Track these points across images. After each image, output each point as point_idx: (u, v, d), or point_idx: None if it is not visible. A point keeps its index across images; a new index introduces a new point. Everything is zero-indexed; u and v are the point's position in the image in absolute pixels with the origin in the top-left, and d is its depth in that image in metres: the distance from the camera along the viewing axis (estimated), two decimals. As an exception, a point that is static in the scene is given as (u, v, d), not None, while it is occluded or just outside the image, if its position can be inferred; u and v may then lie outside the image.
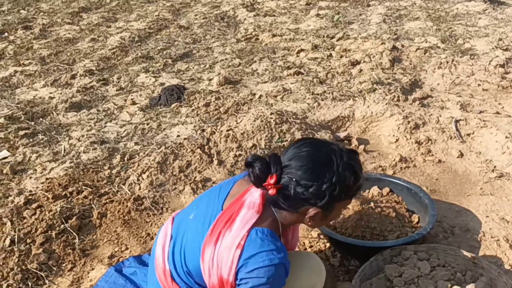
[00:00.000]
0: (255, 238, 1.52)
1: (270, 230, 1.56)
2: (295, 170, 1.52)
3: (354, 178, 1.54)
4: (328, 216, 1.62)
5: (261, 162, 1.53)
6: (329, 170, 1.51)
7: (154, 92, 4.22)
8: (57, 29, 6.09)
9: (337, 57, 4.75)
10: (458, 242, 2.51)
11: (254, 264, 1.49)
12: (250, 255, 1.50)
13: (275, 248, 1.51)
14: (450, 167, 3.18)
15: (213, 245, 1.56)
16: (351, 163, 1.55)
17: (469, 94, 3.98)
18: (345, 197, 1.58)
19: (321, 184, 1.50)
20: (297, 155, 1.54)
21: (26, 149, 3.37)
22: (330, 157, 1.53)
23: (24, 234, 2.55)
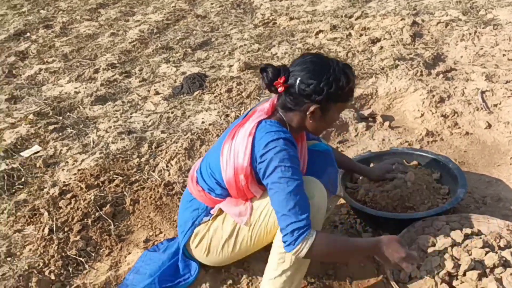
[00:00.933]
0: (264, 125, 1.85)
1: (277, 121, 1.88)
2: (299, 72, 1.83)
3: (346, 81, 1.83)
4: (325, 117, 1.89)
5: (273, 68, 1.87)
6: (327, 72, 1.81)
7: (176, 82, 4.26)
8: (77, 26, 6.18)
9: (356, 36, 4.71)
10: (490, 212, 2.49)
11: (266, 139, 1.79)
12: (261, 136, 1.81)
13: (282, 130, 1.83)
14: (478, 139, 3.15)
15: (230, 141, 1.90)
16: (345, 69, 1.85)
17: (494, 65, 3.91)
18: (339, 98, 1.85)
19: (319, 82, 1.81)
20: (301, 61, 1.86)
21: (56, 143, 3.45)
22: (328, 63, 1.85)
23: (62, 223, 2.63)
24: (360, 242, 1.93)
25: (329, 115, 1.89)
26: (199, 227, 2.02)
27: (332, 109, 1.88)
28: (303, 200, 1.73)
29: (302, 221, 1.69)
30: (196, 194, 2.04)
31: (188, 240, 2.06)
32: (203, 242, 2.03)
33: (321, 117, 1.88)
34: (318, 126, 1.93)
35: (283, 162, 1.74)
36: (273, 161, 1.75)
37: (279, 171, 1.74)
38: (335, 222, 2.58)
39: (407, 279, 2.01)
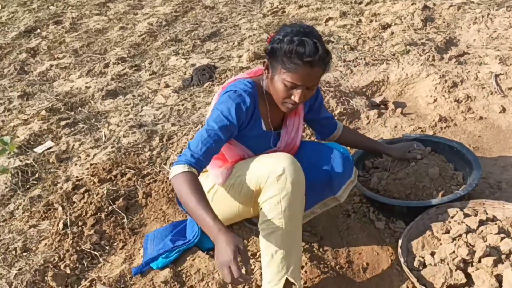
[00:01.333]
0: (234, 83, 1.97)
1: (252, 81, 1.96)
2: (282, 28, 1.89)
3: (288, 43, 1.78)
4: (272, 78, 1.88)
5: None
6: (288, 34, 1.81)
7: (186, 74, 4.26)
8: (86, 21, 6.20)
9: (366, 22, 4.65)
10: (505, 197, 2.45)
11: (224, 93, 1.93)
12: (225, 90, 1.95)
13: (243, 86, 1.93)
14: (492, 123, 3.10)
15: (217, 96, 2.03)
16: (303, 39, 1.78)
17: (508, 48, 3.84)
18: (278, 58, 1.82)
19: (277, 37, 1.84)
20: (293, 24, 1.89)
21: (69, 138, 3.48)
22: (299, 30, 1.82)
23: (75, 217, 2.65)
24: (202, 218, 1.72)
25: (274, 78, 1.88)
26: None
27: (277, 71, 1.85)
28: (202, 142, 1.84)
29: (184, 155, 1.84)
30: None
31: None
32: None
33: (271, 77, 1.89)
34: (272, 90, 1.93)
35: (215, 107, 1.92)
36: (217, 104, 1.93)
37: (211, 114, 1.91)
38: (348, 211, 2.57)
39: (421, 267, 1.99)
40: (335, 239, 2.41)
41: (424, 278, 1.94)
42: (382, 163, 2.59)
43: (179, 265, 2.26)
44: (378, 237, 2.39)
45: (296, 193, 1.85)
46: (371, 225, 2.45)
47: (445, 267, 1.92)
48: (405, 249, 2.08)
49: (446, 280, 1.89)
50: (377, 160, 2.66)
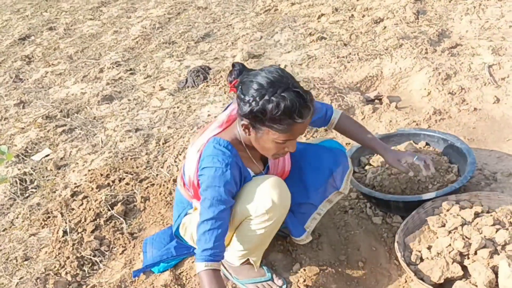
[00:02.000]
0: (210, 146, 1.84)
1: (227, 142, 1.84)
2: (248, 81, 1.74)
3: (274, 109, 1.67)
4: (260, 139, 1.78)
5: (239, 69, 1.87)
6: (262, 92, 1.69)
7: (180, 76, 4.27)
8: (80, 26, 6.20)
9: (359, 17, 4.66)
10: (501, 188, 2.47)
11: (203, 164, 1.82)
12: (203, 157, 1.84)
13: (222, 154, 1.81)
14: (487, 114, 3.11)
15: (190, 147, 1.96)
16: (284, 95, 1.67)
17: (500, 38, 3.84)
18: (263, 122, 1.72)
19: (250, 98, 1.70)
20: (258, 72, 1.76)
21: (66, 145, 3.49)
22: (273, 83, 1.69)
23: (75, 224, 2.66)
24: None
25: (261, 138, 1.77)
26: (185, 218, 2.09)
27: (263, 132, 1.75)
28: (209, 232, 1.76)
29: (199, 249, 1.78)
30: (180, 186, 2.11)
31: (179, 229, 2.14)
32: (188, 232, 2.10)
33: (256, 136, 1.78)
34: (258, 145, 1.82)
35: (205, 193, 1.79)
36: (201, 187, 1.83)
37: (201, 200, 1.82)
38: (345, 207, 2.58)
39: (419, 261, 2.01)
40: (333, 236, 2.42)
41: (421, 272, 1.96)
42: (377, 160, 2.60)
43: (178, 268, 2.28)
44: (375, 232, 2.41)
45: (282, 218, 1.95)
46: (368, 220, 2.47)
47: (442, 260, 1.93)
48: (402, 244, 2.10)
49: (443, 273, 1.91)
50: (373, 156, 2.67)
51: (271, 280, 2.13)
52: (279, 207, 1.88)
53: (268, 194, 1.85)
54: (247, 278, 2.14)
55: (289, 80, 1.72)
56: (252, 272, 2.14)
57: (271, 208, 1.85)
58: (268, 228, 1.93)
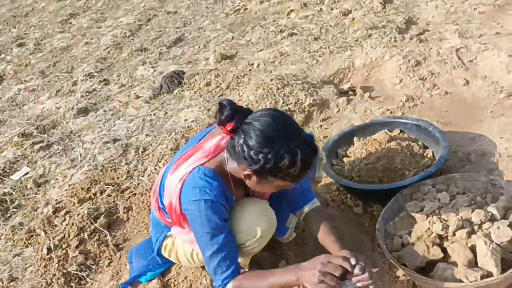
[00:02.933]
0: (194, 176, 1.76)
1: (212, 171, 1.76)
2: (250, 130, 1.64)
3: (289, 164, 1.61)
4: (263, 185, 1.72)
5: (230, 109, 1.67)
6: (274, 145, 1.61)
7: (155, 82, 4.26)
8: (50, 40, 6.13)
9: (327, 10, 4.70)
10: (476, 168, 2.53)
11: (189, 197, 1.75)
12: (188, 189, 1.76)
13: (209, 186, 1.73)
14: (458, 97, 3.17)
15: (171, 174, 1.86)
16: (297, 150, 1.61)
17: (466, 21, 3.92)
18: (277, 176, 1.66)
19: (259, 152, 1.62)
20: (260, 118, 1.65)
21: (44, 162, 3.46)
22: (281, 134, 1.62)
23: (59, 240, 2.65)
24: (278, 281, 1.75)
25: (267, 184, 1.72)
26: (166, 240, 2.06)
27: (271, 180, 1.69)
28: (221, 261, 1.75)
29: (218, 281, 1.77)
30: (154, 210, 2.04)
31: (160, 249, 2.12)
32: (172, 255, 2.09)
33: (258, 182, 1.72)
34: (257, 188, 1.78)
35: (202, 227, 1.74)
36: (193, 222, 1.77)
37: (198, 235, 1.77)
38: (326, 200, 2.61)
39: (400, 247, 2.05)
40: (317, 230, 2.45)
41: (404, 257, 2.00)
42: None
43: (166, 275, 2.29)
44: (357, 222, 2.45)
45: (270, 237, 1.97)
46: (350, 211, 2.51)
47: (422, 244, 1.97)
48: (383, 232, 2.13)
49: (424, 257, 1.95)
50: (350, 148, 2.71)
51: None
52: (268, 232, 1.92)
53: (257, 224, 1.86)
54: None
55: (293, 127, 1.68)
56: None
57: (260, 236, 1.88)
58: (259, 249, 1.97)
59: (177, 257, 2.08)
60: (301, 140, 1.64)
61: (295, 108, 3.30)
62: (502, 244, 1.87)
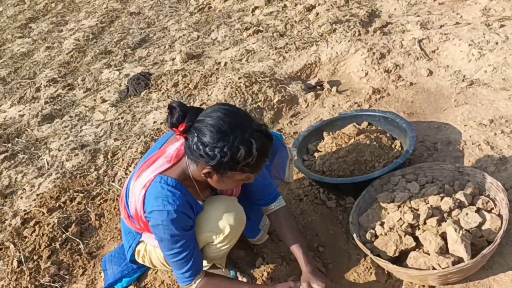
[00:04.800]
0: (156, 185, 1.74)
1: (174, 180, 1.75)
2: (202, 127, 1.63)
3: (246, 154, 1.62)
4: (225, 181, 1.73)
5: (180, 110, 1.67)
6: (226, 139, 1.61)
7: (121, 85, 4.19)
8: (9, 46, 5.96)
9: (291, 6, 4.72)
10: (442, 156, 2.59)
11: (152, 206, 1.73)
12: (150, 198, 1.74)
13: (172, 195, 1.71)
14: (422, 87, 3.24)
15: (134, 181, 1.84)
16: (251, 140, 1.63)
17: (426, 12, 4.00)
18: (236, 168, 1.66)
19: (214, 148, 1.62)
20: (211, 114, 1.65)
21: (10, 172, 3.37)
22: (234, 127, 1.63)
23: (29, 252, 2.59)
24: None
25: (228, 180, 1.72)
26: (138, 246, 2.04)
27: (231, 175, 1.70)
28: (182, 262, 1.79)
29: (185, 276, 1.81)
30: (124, 218, 2.02)
31: (134, 256, 2.09)
32: (146, 261, 2.07)
33: (219, 179, 1.72)
34: (219, 185, 1.78)
35: (164, 235, 1.74)
36: (154, 229, 1.76)
37: (161, 243, 1.78)
38: (299, 195, 2.63)
39: (374, 238, 2.08)
40: (291, 226, 2.47)
41: (377, 248, 2.03)
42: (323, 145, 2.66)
43: (142, 281, 2.26)
44: (331, 216, 2.47)
45: (239, 234, 1.98)
46: (323, 205, 2.53)
47: (395, 235, 2.01)
48: (356, 224, 2.16)
49: (397, 247, 1.98)
50: (320, 142, 2.74)
51: (235, 278, 2.15)
52: (237, 228, 1.92)
53: (225, 220, 1.87)
54: None
55: (246, 118, 1.68)
56: (217, 273, 2.15)
57: (230, 232, 1.89)
58: (230, 246, 1.97)
59: (151, 262, 2.06)
60: (254, 129, 1.65)
61: (264, 106, 3.31)
62: (471, 229, 1.93)
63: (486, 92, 2.97)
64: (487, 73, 3.11)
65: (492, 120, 2.69)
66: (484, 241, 1.92)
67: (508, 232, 2.01)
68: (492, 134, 2.61)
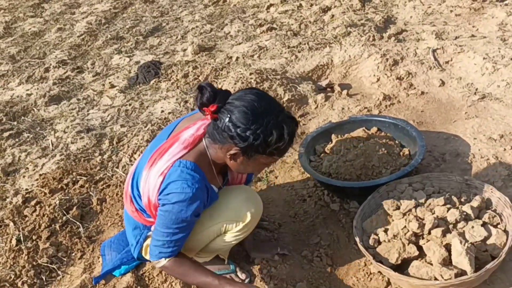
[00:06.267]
0: (176, 169, 1.74)
1: (194, 164, 1.75)
2: (234, 108, 1.65)
3: (277, 138, 1.65)
4: (248, 164, 1.75)
5: (211, 91, 1.69)
6: (261, 122, 1.64)
7: (130, 72, 4.17)
8: (21, 25, 5.93)
9: (307, 6, 4.70)
10: (450, 168, 2.57)
11: (170, 189, 1.73)
12: (168, 182, 1.73)
13: (191, 178, 1.72)
14: (433, 97, 3.22)
15: (148, 169, 1.82)
16: (283, 125, 1.67)
17: (442, 22, 3.98)
18: (265, 152, 1.69)
19: (247, 129, 1.64)
20: (242, 97, 1.67)
21: (14, 150, 3.35)
22: (267, 111, 1.65)
23: (29, 231, 2.57)
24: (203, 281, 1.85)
25: (252, 163, 1.75)
26: (147, 241, 2.00)
27: (257, 158, 1.72)
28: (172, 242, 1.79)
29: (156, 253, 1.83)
30: (131, 213, 1.99)
31: (141, 253, 2.06)
32: None
33: (243, 162, 1.74)
34: (240, 168, 1.80)
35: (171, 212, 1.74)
36: (164, 208, 1.76)
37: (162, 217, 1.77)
38: (303, 196, 2.62)
39: (376, 244, 2.07)
40: (294, 225, 2.46)
41: (380, 254, 2.02)
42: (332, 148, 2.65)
43: (140, 269, 2.25)
44: (334, 218, 2.46)
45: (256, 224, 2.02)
46: (326, 207, 2.52)
47: (398, 242, 2.00)
48: (360, 229, 2.15)
49: (400, 255, 1.97)
50: (328, 144, 2.72)
51: (234, 273, 2.14)
52: (256, 216, 1.95)
53: (246, 208, 1.89)
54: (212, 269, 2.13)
55: (275, 103, 1.71)
56: (217, 266, 2.14)
57: (250, 221, 1.91)
58: (244, 235, 1.99)
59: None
60: (285, 114, 1.70)
61: (273, 103, 3.29)
62: (476, 243, 1.92)
63: (497, 107, 2.96)
64: (500, 88, 3.09)
65: (502, 135, 2.68)
66: (488, 255, 1.91)
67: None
68: (502, 149, 2.59)
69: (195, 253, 2.07)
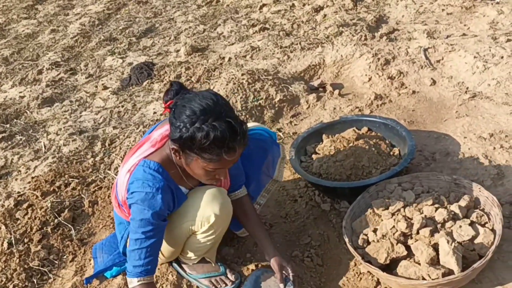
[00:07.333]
0: (139, 168, 1.80)
1: (157, 164, 1.79)
2: (181, 105, 1.70)
3: (203, 135, 1.64)
4: (190, 165, 1.76)
5: (176, 88, 1.81)
6: (196, 118, 1.65)
7: (123, 73, 4.18)
8: (14, 26, 5.93)
9: (299, 6, 4.71)
10: (440, 167, 2.58)
11: (133, 188, 1.78)
12: (132, 180, 1.80)
13: (152, 179, 1.76)
14: (424, 96, 3.23)
15: (122, 166, 1.93)
16: (216, 125, 1.64)
17: (434, 21, 3.99)
18: (193, 149, 1.68)
19: (181, 123, 1.67)
20: (195, 96, 1.71)
21: (6, 152, 3.35)
22: (206, 111, 1.66)
23: (20, 234, 2.58)
24: None
25: (191, 164, 1.75)
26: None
27: (193, 159, 1.72)
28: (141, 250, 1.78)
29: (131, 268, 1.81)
30: (115, 208, 2.04)
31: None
32: None
33: (186, 162, 1.76)
34: (189, 170, 1.80)
35: (136, 215, 1.77)
36: (132, 207, 1.80)
37: (131, 223, 1.80)
38: (294, 196, 2.63)
39: (365, 244, 2.08)
40: (284, 225, 2.47)
41: (368, 254, 2.03)
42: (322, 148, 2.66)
43: (131, 271, 2.25)
44: (325, 219, 2.47)
45: (227, 224, 2.02)
46: (317, 208, 2.53)
47: (387, 242, 2.01)
48: (349, 229, 2.16)
49: (388, 254, 1.98)
50: (319, 144, 2.73)
51: (224, 275, 2.15)
52: (222, 217, 1.92)
53: (210, 209, 1.88)
54: (201, 273, 2.15)
55: (223, 108, 1.69)
56: (207, 267, 2.16)
57: (215, 221, 1.90)
58: (216, 237, 1.98)
59: None
60: (224, 120, 1.66)
61: (265, 104, 3.30)
62: (464, 242, 1.93)
63: (488, 106, 2.97)
64: (491, 87, 3.10)
65: (492, 134, 2.69)
66: (475, 254, 1.92)
67: (500, 247, 2.01)
68: (491, 148, 2.60)
69: (177, 255, 2.09)
